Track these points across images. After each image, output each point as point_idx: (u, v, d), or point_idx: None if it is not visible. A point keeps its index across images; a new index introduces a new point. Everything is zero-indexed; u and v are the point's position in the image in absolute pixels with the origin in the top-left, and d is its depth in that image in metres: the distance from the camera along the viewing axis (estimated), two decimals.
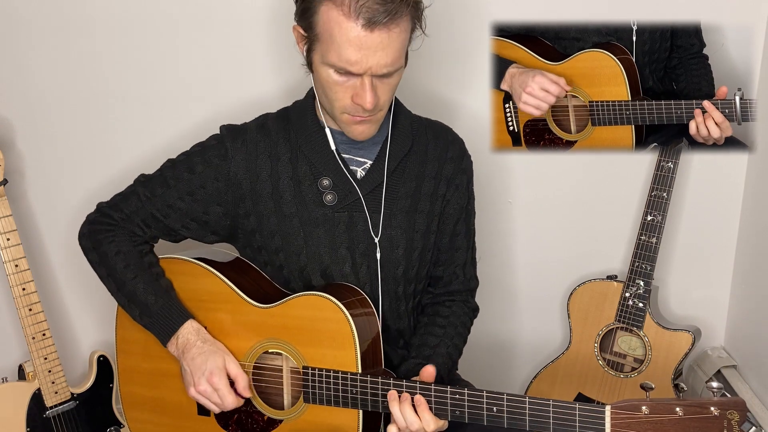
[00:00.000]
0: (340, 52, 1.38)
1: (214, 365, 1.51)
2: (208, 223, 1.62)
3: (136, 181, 1.66)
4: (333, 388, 1.49)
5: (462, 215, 1.69)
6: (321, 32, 1.40)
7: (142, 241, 1.64)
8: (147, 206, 1.61)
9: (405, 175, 1.62)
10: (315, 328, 1.51)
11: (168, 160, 1.64)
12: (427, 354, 1.61)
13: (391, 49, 1.39)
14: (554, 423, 1.31)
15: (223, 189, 1.58)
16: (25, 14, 1.95)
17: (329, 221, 1.57)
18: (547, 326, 2.31)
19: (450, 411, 1.40)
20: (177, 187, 1.59)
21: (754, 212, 2.10)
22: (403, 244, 1.61)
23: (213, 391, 1.50)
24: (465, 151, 1.70)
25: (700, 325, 2.15)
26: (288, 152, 1.58)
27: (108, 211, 1.64)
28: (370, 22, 1.34)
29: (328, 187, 1.57)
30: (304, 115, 1.60)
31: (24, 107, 2.03)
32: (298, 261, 1.59)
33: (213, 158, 1.58)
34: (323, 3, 1.38)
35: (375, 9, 1.34)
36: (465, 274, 1.73)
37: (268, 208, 1.57)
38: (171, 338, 1.56)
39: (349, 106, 1.46)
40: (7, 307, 2.10)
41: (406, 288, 1.64)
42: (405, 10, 1.38)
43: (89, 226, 1.66)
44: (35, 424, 2.01)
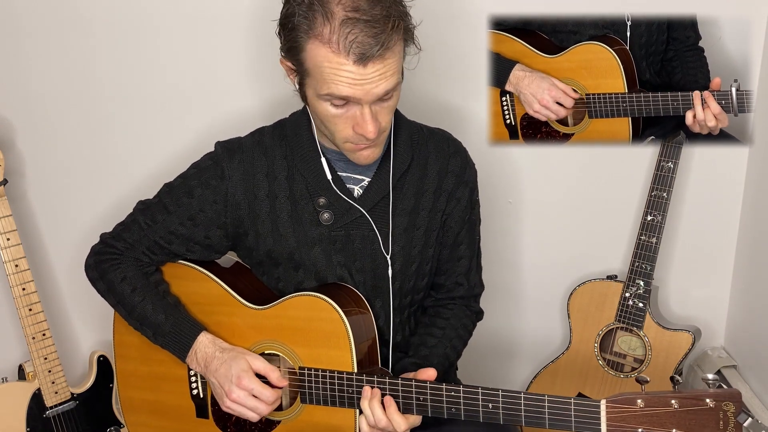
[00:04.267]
0: (332, 87, 1.34)
1: (239, 369, 1.49)
2: (211, 245, 1.61)
3: (135, 209, 1.65)
4: (329, 388, 1.49)
5: (464, 226, 1.67)
6: (311, 68, 1.36)
7: (148, 265, 1.63)
8: (149, 234, 1.60)
9: (404, 191, 1.59)
10: (310, 328, 1.51)
11: (165, 185, 1.63)
12: (424, 354, 1.60)
13: (387, 75, 1.34)
14: (550, 418, 1.31)
15: (221, 211, 1.57)
16: (26, 14, 1.96)
17: (325, 240, 1.56)
18: (547, 326, 2.30)
19: (446, 408, 1.40)
20: (177, 212, 1.58)
21: (754, 212, 2.10)
22: (401, 261, 1.59)
23: (247, 395, 1.47)
24: (467, 163, 1.66)
25: (700, 325, 2.15)
26: (285, 170, 1.56)
27: (111, 241, 1.64)
28: (362, 57, 1.30)
29: (325, 206, 1.55)
30: (299, 132, 1.57)
31: (24, 107, 2.03)
32: (296, 276, 1.58)
33: (210, 179, 1.56)
34: (309, 40, 1.33)
35: (366, 43, 1.29)
36: (469, 282, 1.71)
37: (266, 228, 1.56)
38: (189, 354, 1.55)
39: (352, 137, 1.43)
40: (7, 307, 2.10)
41: (402, 301, 1.64)
42: (396, 36, 1.33)
43: (94, 257, 1.65)
44: (35, 424, 2.01)
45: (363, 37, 1.29)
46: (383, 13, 1.31)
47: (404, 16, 1.37)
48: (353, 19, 1.29)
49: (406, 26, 1.37)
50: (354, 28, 1.29)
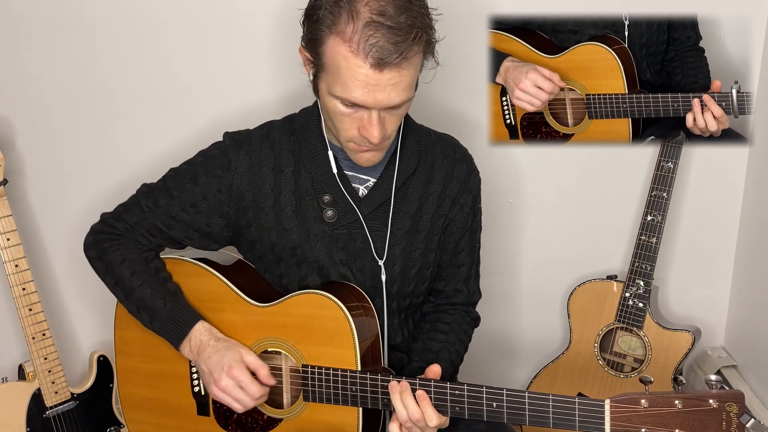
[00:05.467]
0: (346, 87, 1.34)
1: (231, 359, 1.49)
2: (211, 234, 1.61)
3: (138, 191, 1.64)
4: (332, 386, 1.49)
5: (466, 233, 1.67)
6: (328, 63, 1.36)
7: (147, 249, 1.62)
8: (150, 217, 1.60)
9: (408, 195, 1.59)
10: (314, 326, 1.51)
11: (171, 170, 1.62)
12: (430, 358, 1.60)
13: (400, 86, 1.34)
14: (554, 418, 1.31)
15: (225, 200, 1.57)
16: (25, 14, 1.95)
17: (328, 237, 1.56)
18: (547, 326, 2.31)
19: (450, 407, 1.40)
20: (180, 198, 1.58)
21: (754, 212, 2.10)
22: (401, 263, 1.59)
23: (235, 386, 1.48)
24: (473, 170, 1.67)
25: (700, 325, 2.15)
26: (291, 165, 1.56)
27: (112, 221, 1.63)
28: (380, 63, 1.30)
29: (329, 204, 1.55)
30: (308, 128, 1.57)
31: (24, 107, 2.03)
32: (299, 272, 1.58)
33: (216, 169, 1.56)
34: (330, 36, 1.33)
35: (386, 49, 1.29)
36: (468, 289, 1.72)
37: (269, 221, 1.56)
38: (183, 341, 1.55)
39: (356, 137, 1.43)
40: (7, 307, 2.10)
41: (400, 303, 1.64)
42: (416, 48, 1.33)
43: (94, 236, 1.64)
44: (35, 424, 2.01)
45: (384, 43, 1.29)
46: (408, 22, 1.31)
47: (428, 29, 1.36)
48: (377, 23, 1.29)
49: (428, 39, 1.37)
50: (377, 32, 1.29)
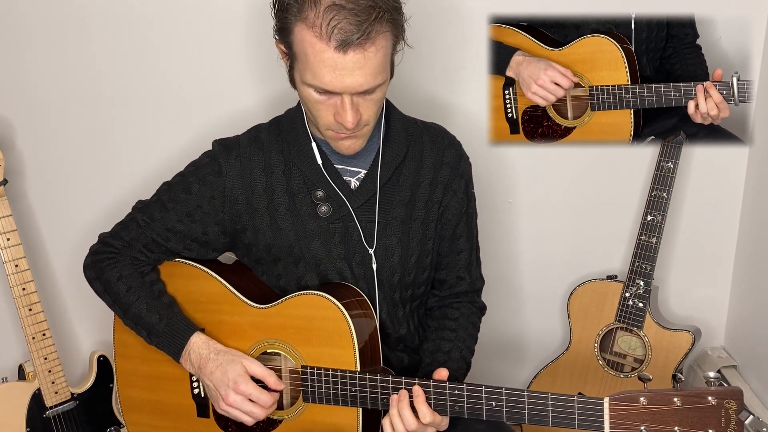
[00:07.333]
0: (315, 74, 1.36)
1: (235, 374, 1.49)
2: (208, 242, 1.61)
3: (134, 208, 1.65)
4: (332, 387, 1.49)
5: (462, 219, 1.68)
6: (297, 52, 1.38)
7: (144, 263, 1.63)
8: (147, 232, 1.60)
9: (400, 183, 1.60)
10: (313, 327, 1.51)
11: (164, 183, 1.63)
12: (442, 359, 1.60)
13: (367, 68, 1.35)
14: (553, 416, 1.31)
15: (219, 207, 1.57)
16: (25, 14, 1.96)
17: (324, 233, 1.56)
18: (547, 326, 2.30)
19: (449, 406, 1.40)
20: (175, 209, 1.59)
21: (754, 212, 2.10)
22: (399, 252, 1.60)
23: (243, 400, 1.48)
24: (462, 155, 1.68)
25: (700, 325, 2.15)
26: (281, 164, 1.57)
27: (109, 240, 1.64)
28: (343, 44, 1.31)
29: (323, 199, 1.56)
30: (294, 126, 1.59)
31: (24, 107, 2.03)
32: (296, 271, 1.58)
33: (207, 176, 1.57)
34: (297, 23, 1.35)
35: (348, 30, 1.31)
36: (470, 276, 1.72)
37: (264, 222, 1.57)
38: (183, 355, 1.55)
39: (333, 124, 1.44)
40: (7, 307, 2.10)
41: (402, 294, 1.64)
42: (381, 28, 1.34)
43: (92, 257, 1.65)
44: (35, 424, 2.01)
45: (345, 24, 1.31)
46: (369, 3, 1.32)
47: (393, 10, 1.37)
48: (339, 6, 1.31)
49: (394, 20, 1.38)
50: (338, 14, 1.31)
